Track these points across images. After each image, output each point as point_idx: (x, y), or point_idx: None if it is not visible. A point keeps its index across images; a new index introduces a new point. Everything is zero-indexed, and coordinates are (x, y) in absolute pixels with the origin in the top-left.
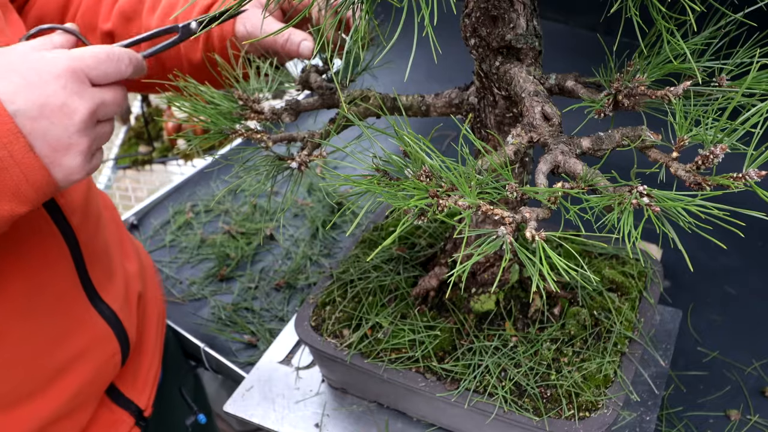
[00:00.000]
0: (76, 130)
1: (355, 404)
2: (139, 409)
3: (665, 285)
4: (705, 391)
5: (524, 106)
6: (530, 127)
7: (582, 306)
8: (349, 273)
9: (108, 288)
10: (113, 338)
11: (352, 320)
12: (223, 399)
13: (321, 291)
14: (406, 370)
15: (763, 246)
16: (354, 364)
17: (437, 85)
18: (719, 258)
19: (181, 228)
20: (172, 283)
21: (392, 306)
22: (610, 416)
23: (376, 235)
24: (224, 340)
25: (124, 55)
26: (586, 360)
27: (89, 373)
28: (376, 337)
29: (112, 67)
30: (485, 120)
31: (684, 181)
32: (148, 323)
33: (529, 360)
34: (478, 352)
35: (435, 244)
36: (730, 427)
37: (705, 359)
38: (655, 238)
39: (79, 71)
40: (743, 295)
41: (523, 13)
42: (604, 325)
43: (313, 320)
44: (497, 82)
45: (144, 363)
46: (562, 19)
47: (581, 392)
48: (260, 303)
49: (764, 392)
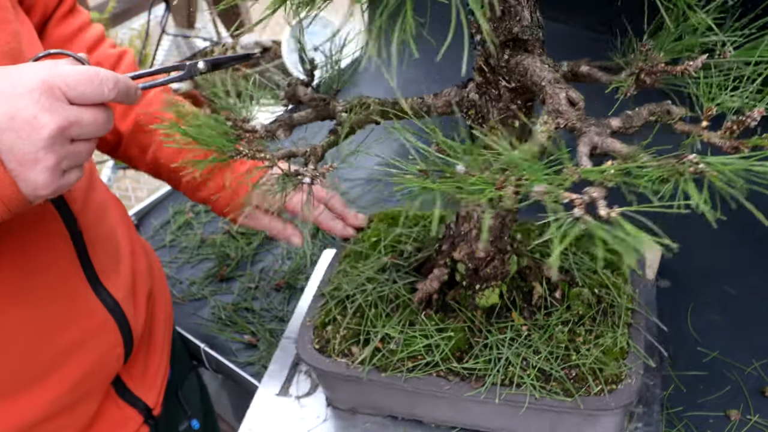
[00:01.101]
0: (43, 145)
1: (368, 422)
2: (147, 407)
3: (665, 285)
4: (705, 391)
5: (546, 93)
6: (557, 114)
7: (582, 286)
8: (343, 289)
9: (111, 276)
10: (115, 328)
11: (359, 336)
12: (223, 399)
13: (316, 311)
14: (426, 377)
15: (763, 246)
16: (372, 380)
17: (435, 84)
18: (719, 258)
19: (181, 228)
20: (172, 283)
21: (397, 315)
22: (635, 385)
23: (360, 246)
24: (224, 340)
25: (110, 79)
26: (600, 336)
27: (89, 364)
28: (388, 349)
29: (92, 89)
30: (487, 115)
31: (720, 147)
32: (157, 321)
33: (546, 345)
34: (495, 346)
35: (423, 248)
36: (730, 427)
37: (705, 359)
38: None
39: (55, 87)
40: (743, 295)
41: (527, 6)
42: (607, 301)
43: (317, 343)
44: (507, 74)
45: (153, 360)
46: (563, 18)
47: (604, 367)
48: (260, 303)
49: (764, 392)
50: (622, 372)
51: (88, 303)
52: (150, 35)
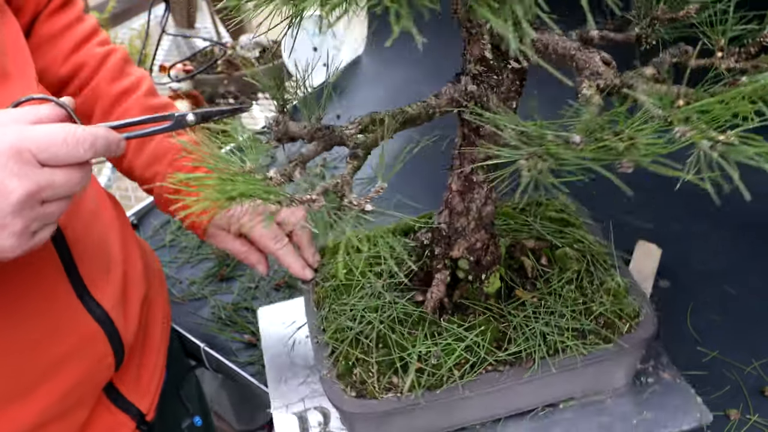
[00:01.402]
0: (10, 210)
1: None
2: (140, 413)
3: (665, 285)
4: (705, 391)
5: (579, 60)
6: (596, 76)
7: (562, 247)
8: (346, 327)
9: (101, 286)
10: (104, 339)
11: (394, 364)
12: (223, 399)
13: (330, 362)
14: (480, 376)
15: (762, 246)
16: (429, 400)
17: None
18: (719, 258)
19: (181, 228)
20: (172, 283)
21: (420, 331)
22: (652, 316)
23: (335, 282)
24: (224, 340)
25: (86, 138)
26: (603, 283)
27: (79, 374)
28: (431, 365)
29: (66, 151)
30: (487, 104)
31: (737, 70)
32: (153, 325)
33: (565, 307)
34: (523, 325)
35: (403, 263)
36: (730, 426)
37: (704, 359)
38: (655, 238)
39: (24, 150)
40: (743, 295)
41: None
42: (587, 252)
43: (352, 391)
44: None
45: (148, 365)
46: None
47: (623, 307)
48: (260, 303)
49: (764, 392)
50: (636, 308)
51: (77, 315)
52: (150, 35)
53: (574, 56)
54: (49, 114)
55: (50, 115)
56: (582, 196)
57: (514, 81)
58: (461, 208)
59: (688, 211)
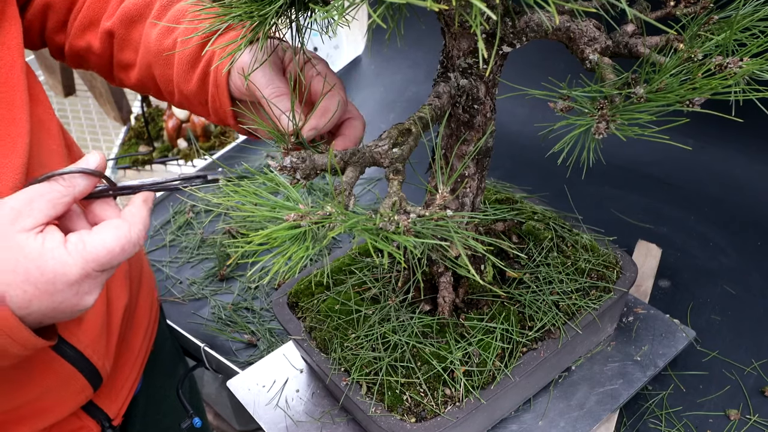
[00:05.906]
0: (84, 308)
1: None
2: (108, 418)
3: (665, 285)
4: (705, 391)
5: (575, 31)
6: (593, 41)
7: (523, 222)
8: (376, 360)
9: (74, 329)
10: (79, 377)
11: (440, 377)
12: (223, 399)
13: (372, 400)
14: (524, 361)
15: (762, 245)
16: (486, 401)
17: None
18: (719, 257)
19: (181, 228)
20: (172, 283)
21: (447, 337)
22: (627, 257)
23: (338, 313)
24: (224, 340)
25: (141, 237)
26: (577, 242)
27: (55, 407)
28: (473, 364)
29: (125, 256)
30: (477, 94)
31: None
32: (135, 334)
33: (560, 273)
34: (534, 301)
35: (388, 283)
36: (730, 426)
37: (705, 359)
38: (655, 238)
39: (92, 272)
40: (743, 295)
41: None
42: (548, 221)
43: (411, 417)
44: (516, 37)
45: (122, 375)
46: None
47: (604, 257)
48: (260, 303)
49: (764, 392)
50: (611, 253)
51: (49, 362)
52: None
53: (569, 28)
54: (85, 188)
55: (87, 187)
56: (582, 195)
57: (500, 66)
58: (456, 205)
59: (688, 211)
